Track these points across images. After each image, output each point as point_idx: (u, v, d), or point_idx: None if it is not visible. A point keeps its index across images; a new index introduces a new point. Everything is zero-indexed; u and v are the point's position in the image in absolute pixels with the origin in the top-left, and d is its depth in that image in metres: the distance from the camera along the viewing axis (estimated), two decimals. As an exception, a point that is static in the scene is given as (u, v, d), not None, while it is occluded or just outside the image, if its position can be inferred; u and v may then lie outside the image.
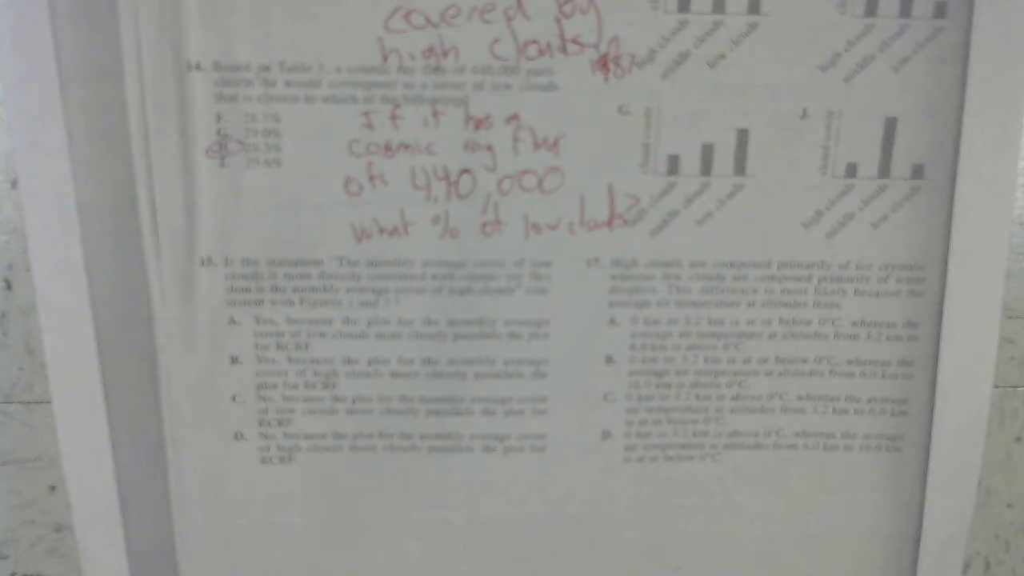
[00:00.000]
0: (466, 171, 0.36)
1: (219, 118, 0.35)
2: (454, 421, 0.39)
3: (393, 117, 0.35)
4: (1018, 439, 0.43)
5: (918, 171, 0.37)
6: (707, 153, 0.36)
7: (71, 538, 0.40)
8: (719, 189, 0.37)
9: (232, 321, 0.37)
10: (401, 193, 0.36)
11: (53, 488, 0.41)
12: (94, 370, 0.37)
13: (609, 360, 0.38)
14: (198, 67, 0.35)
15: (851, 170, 0.37)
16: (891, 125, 0.36)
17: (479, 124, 0.36)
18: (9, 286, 0.39)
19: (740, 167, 0.36)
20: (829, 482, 0.40)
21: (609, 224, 0.37)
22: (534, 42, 0.35)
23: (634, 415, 0.39)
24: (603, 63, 0.35)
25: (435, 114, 0.35)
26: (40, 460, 0.41)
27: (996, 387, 0.40)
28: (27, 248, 0.36)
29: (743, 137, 0.36)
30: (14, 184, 0.37)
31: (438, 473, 0.39)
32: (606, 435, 0.39)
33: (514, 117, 0.36)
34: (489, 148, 0.36)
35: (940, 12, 0.35)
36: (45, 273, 0.36)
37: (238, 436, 0.39)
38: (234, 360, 0.38)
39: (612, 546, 0.41)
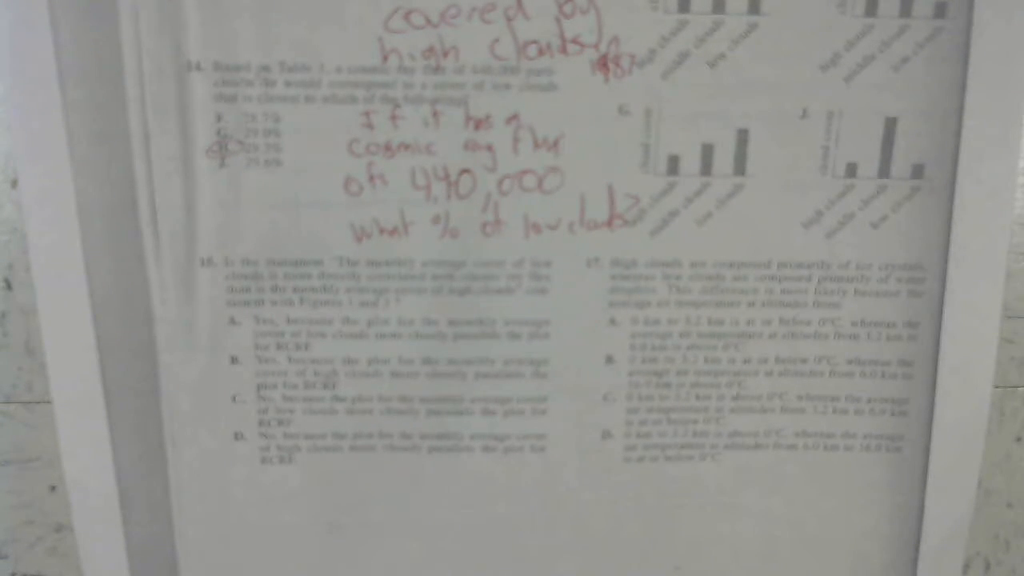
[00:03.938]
0: (466, 171, 0.36)
1: (219, 118, 0.35)
2: (454, 421, 0.39)
3: (393, 117, 0.35)
4: (1018, 439, 0.43)
5: (918, 171, 0.37)
6: (707, 153, 0.36)
7: (71, 538, 0.40)
8: (719, 189, 0.37)
9: (232, 321, 0.37)
10: (401, 193, 0.36)
11: (53, 488, 0.41)
12: (94, 370, 0.37)
13: (609, 360, 0.38)
14: (198, 67, 0.35)
15: (851, 170, 0.37)
16: (891, 125, 0.36)
17: (479, 124, 0.36)
18: (9, 286, 0.39)
19: (740, 167, 0.36)
20: (829, 482, 0.40)
21: (609, 224, 0.37)
22: (534, 42, 0.35)
23: (634, 415, 0.39)
24: (603, 63, 0.35)
25: (435, 114, 0.35)
26: (40, 460, 0.41)
27: (996, 387, 0.40)
28: (27, 248, 0.36)
29: (743, 137, 0.36)
30: (14, 184, 0.37)
31: (438, 473, 0.39)
32: (606, 435, 0.39)
33: (514, 117, 0.36)
34: (489, 148, 0.36)
35: (940, 12, 0.35)
36: (45, 273, 0.36)
37: (238, 436, 0.39)
38: (234, 360, 0.38)
39: (612, 546, 0.41)
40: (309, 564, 0.40)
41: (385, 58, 0.35)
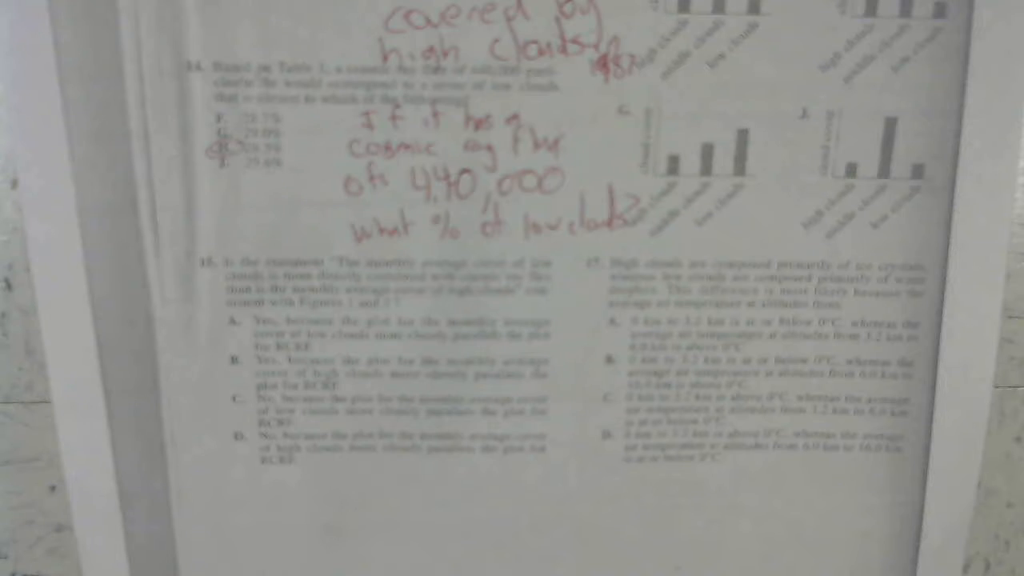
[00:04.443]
0: (466, 171, 0.36)
1: (219, 118, 0.35)
2: (454, 421, 0.39)
3: (393, 117, 0.35)
4: (1018, 439, 0.43)
5: (918, 171, 0.37)
6: (707, 153, 0.36)
7: (71, 538, 0.40)
8: (719, 189, 0.37)
9: (232, 321, 0.37)
10: (401, 193, 0.36)
11: (53, 488, 0.41)
12: (94, 370, 0.37)
13: (609, 360, 0.38)
14: (198, 67, 0.35)
15: (851, 170, 0.37)
16: (891, 125, 0.36)
17: (479, 124, 0.36)
18: (9, 286, 0.39)
19: (740, 167, 0.36)
20: (829, 482, 0.40)
21: (609, 224, 0.37)
22: (534, 42, 0.35)
23: (634, 415, 0.39)
24: (603, 63, 0.35)
25: (435, 114, 0.35)
26: (40, 460, 0.41)
27: (996, 387, 0.40)
28: (27, 248, 0.36)
29: (743, 137, 0.36)
30: (14, 184, 0.37)
31: (438, 473, 0.39)
32: (606, 435, 0.39)
33: (514, 117, 0.36)
34: (489, 148, 0.36)
35: (940, 12, 0.35)
36: (45, 273, 0.36)
37: (238, 436, 0.39)
38: (234, 360, 0.38)
39: (612, 546, 0.41)
40: (309, 564, 0.40)
41: (385, 58, 0.35)
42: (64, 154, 0.35)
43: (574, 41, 0.35)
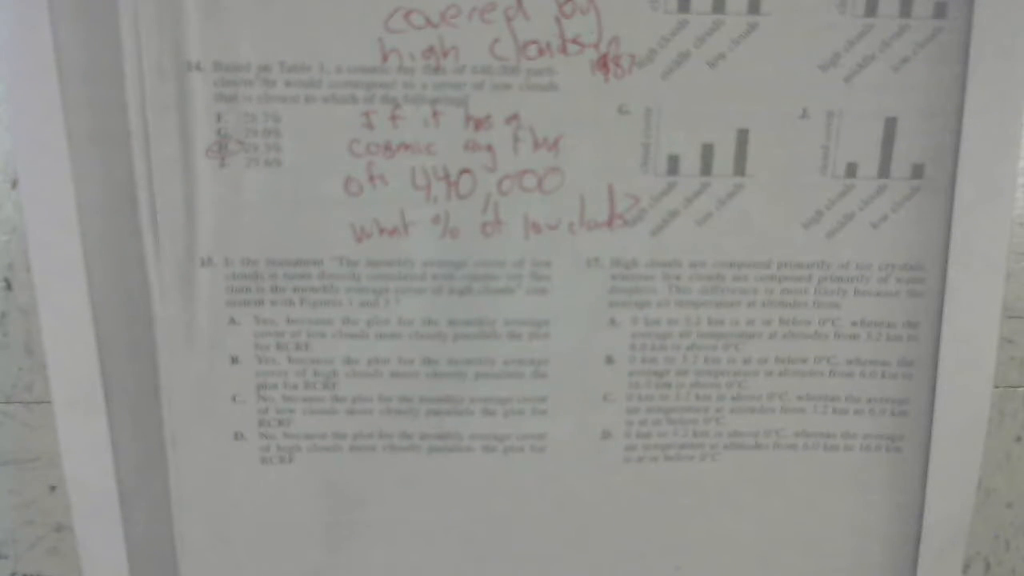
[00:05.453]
0: (466, 171, 0.36)
1: (219, 118, 0.35)
2: (454, 421, 0.39)
3: (393, 117, 0.35)
4: (1018, 439, 0.43)
5: (918, 171, 0.37)
6: (707, 153, 0.36)
7: (71, 538, 0.40)
8: (719, 189, 0.37)
9: (232, 321, 0.37)
10: (401, 193, 0.36)
11: (53, 488, 0.41)
12: (94, 370, 0.37)
13: (609, 360, 0.38)
14: (198, 67, 0.35)
15: (851, 170, 0.37)
16: (891, 125, 0.36)
17: (479, 124, 0.36)
18: (9, 286, 0.39)
19: (740, 167, 0.36)
20: (829, 482, 0.40)
21: (609, 224, 0.37)
22: (534, 42, 0.35)
23: (634, 415, 0.39)
24: (603, 63, 0.35)
25: (435, 114, 0.35)
26: (40, 460, 0.41)
27: (996, 387, 0.40)
28: (27, 248, 0.36)
29: (743, 137, 0.36)
30: (14, 184, 0.37)
31: (438, 473, 0.39)
32: (606, 435, 0.39)
33: (514, 117, 0.36)
34: (489, 148, 0.36)
35: (940, 12, 0.35)
36: (45, 273, 0.36)
37: (238, 436, 0.39)
38: (234, 360, 0.38)
39: (612, 546, 0.41)
40: (309, 564, 0.40)
41: (385, 58, 0.35)
42: (64, 154, 0.35)
43: (574, 41, 0.35)
